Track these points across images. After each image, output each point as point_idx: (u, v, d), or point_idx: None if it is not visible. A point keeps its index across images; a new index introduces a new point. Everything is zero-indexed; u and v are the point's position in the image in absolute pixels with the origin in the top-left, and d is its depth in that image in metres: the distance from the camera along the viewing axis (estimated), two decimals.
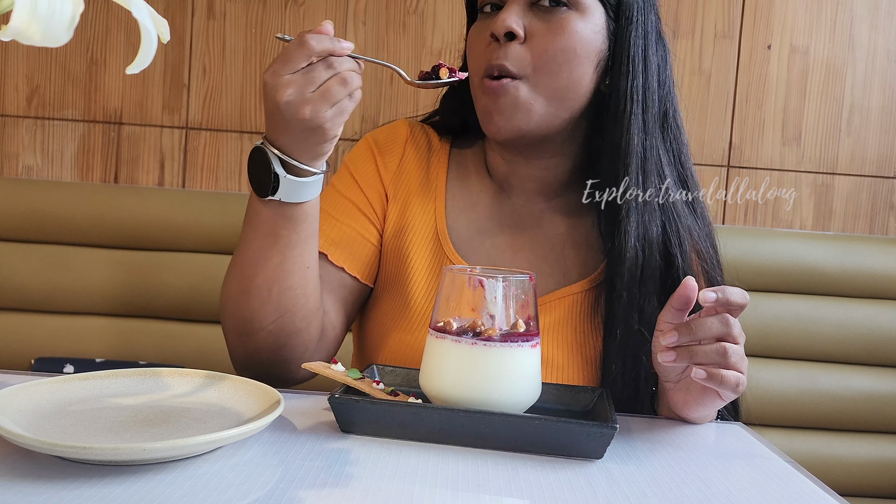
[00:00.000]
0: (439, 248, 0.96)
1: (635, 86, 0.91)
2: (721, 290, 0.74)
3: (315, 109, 0.74)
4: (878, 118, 1.65)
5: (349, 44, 0.75)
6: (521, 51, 0.89)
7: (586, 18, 0.91)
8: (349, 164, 1.02)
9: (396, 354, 0.93)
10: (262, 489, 0.56)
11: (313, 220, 0.85)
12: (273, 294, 0.85)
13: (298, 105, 0.74)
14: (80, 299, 1.47)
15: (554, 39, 0.89)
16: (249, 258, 0.85)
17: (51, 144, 1.61)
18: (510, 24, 0.88)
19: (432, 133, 1.05)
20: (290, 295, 0.85)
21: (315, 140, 0.77)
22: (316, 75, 0.74)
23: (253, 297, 0.85)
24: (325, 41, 0.74)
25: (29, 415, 0.65)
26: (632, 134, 0.91)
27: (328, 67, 0.74)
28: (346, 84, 0.75)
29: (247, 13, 1.60)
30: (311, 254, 0.86)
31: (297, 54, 0.74)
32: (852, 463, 1.50)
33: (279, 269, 0.84)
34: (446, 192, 1.00)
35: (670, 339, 0.74)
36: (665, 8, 1.62)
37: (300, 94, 0.74)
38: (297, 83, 0.74)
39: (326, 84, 0.74)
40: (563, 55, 0.90)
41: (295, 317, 0.87)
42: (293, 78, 0.74)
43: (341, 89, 0.74)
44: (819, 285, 1.51)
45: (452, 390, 0.72)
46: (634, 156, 0.91)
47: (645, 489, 0.62)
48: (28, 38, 0.47)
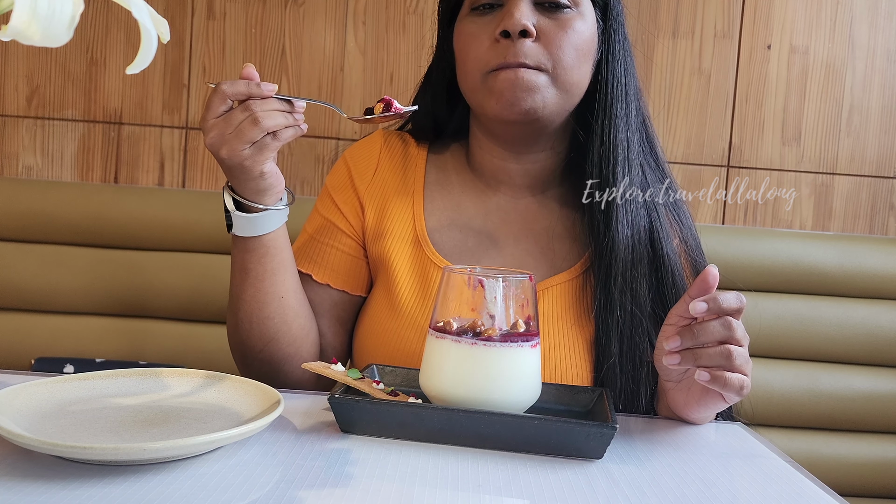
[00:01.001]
0: (420, 250, 0.98)
1: (621, 82, 0.96)
2: (713, 300, 0.73)
3: (231, 149, 0.80)
4: (877, 118, 1.65)
5: (271, 86, 0.80)
6: (536, 48, 0.91)
7: (585, 19, 0.94)
8: (327, 184, 1.05)
9: (383, 356, 0.94)
10: (262, 489, 0.56)
11: (277, 252, 0.89)
12: (254, 325, 0.91)
13: (218, 146, 0.80)
14: (80, 299, 1.46)
15: (565, 36, 0.92)
16: (232, 294, 0.92)
17: (51, 144, 1.61)
18: (525, 23, 0.90)
19: (409, 139, 1.07)
20: (270, 325, 0.91)
21: (244, 177, 0.83)
22: (232, 117, 0.80)
23: (240, 329, 0.92)
24: (239, 86, 0.80)
25: (29, 415, 0.65)
26: (619, 128, 0.95)
27: (244, 110, 0.79)
28: (257, 123, 0.78)
29: (247, 13, 1.60)
30: (284, 284, 0.91)
31: (213, 100, 0.80)
32: (852, 463, 1.50)
33: (254, 301, 0.90)
34: (424, 194, 1.01)
35: (673, 343, 0.74)
36: (665, 8, 1.62)
37: (220, 135, 0.80)
38: (217, 126, 0.80)
39: (241, 125, 0.79)
40: (575, 52, 0.93)
41: (280, 344, 0.92)
42: (215, 122, 0.80)
43: (253, 128, 0.79)
44: (819, 285, 1.51)
45: (452, 390, 0.72)
46: (621, 148, 0.95)
47: (645, 489, 0.62)
48: (28, 38, 0.47)
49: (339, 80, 1.61)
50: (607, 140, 0.95)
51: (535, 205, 1.01)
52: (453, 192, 1.02)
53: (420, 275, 0.96)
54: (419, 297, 0.95)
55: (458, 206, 1.01)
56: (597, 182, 0.95)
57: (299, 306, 0.93)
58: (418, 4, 1.61)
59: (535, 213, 1.00)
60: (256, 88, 0.79)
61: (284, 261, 0.90)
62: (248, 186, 0.84)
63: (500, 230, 0.99)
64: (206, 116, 0.81)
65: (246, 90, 0.79)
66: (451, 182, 1.03)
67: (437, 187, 1.03)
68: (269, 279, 0.89)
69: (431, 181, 1.03)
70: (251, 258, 0.88)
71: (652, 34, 1.62)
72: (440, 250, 0.97)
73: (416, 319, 0.93)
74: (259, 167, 0.82)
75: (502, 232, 0.99)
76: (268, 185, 0.84)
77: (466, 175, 1.03)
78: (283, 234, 0.90)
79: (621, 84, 0.96)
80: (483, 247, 0.98)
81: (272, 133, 0.80)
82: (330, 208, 1.02)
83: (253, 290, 0.89)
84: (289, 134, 0.81)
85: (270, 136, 0.80)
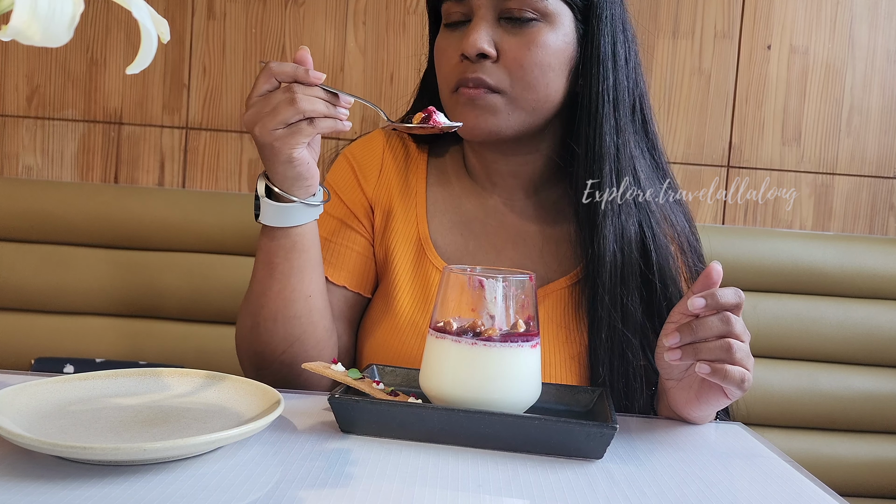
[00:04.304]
0: (422, 252, 0.97)
1: (606, 87, 0.92)
2: (711, 296, 0.74)
3: (263, 126, 0.78)
4: (877, 118, 1.65)
5: (320, 74, 0.78)
6: (496, 68, 0.89)
7: (556, 29, 0.90)
8: (331, 183, 1.03)
9: (381, 357, 0.94)
10: (262, 489, 0.56)
11: (305, 249, 0.86)
12: (279, 324, 0.87)
13: (253, 123, 0.79)
14: (80, 299, 1.46)
15: (528, 54, 0.89)
16: (255, 291, 0.88)
17: (51, 144, 1.61)
18: (482, 46, 0.88)
19: (409, 140, 1.05)
20: (296, 324, 0.87)
21: (273, 159, 0.80)
22: (272, 96, 0.78)
23: (262, 329, 0.88)
24: (286, 67, 0.78)
25: (29, 415, 0.65)
26: (604, 134, 0.91)
27: (286, 91, 0.78)
28: (294, 104, 0.77)
29: (247, 13, 1.60)
30: (311, 284, 0.88)
31: (260, 78, 0.79)
32: (852, 463, 1.50)
33: (279, 299, 0.87)
34: (427, 197, 1.01)
35: (672, 340, 0.74)
36: (665, 8, 1.62)
37: (257, 112, 0.79)
38: (257, 104, 0.79)
39: (278, 104, 0.77)
40: (539, 69, 0.89)
41: (305, 345, 0.89)
42: (257, 100, 0.79)
43: (289, 108, 0.77)
44: (819, 285, 1.51)
45: (452, 390, 0.72)
46: (608, 157, 0.91)
47: (645, 489, 0.62)
48: (28, 38, 0.47)
49: (339, 80, 1.60)
50: (591, 150, 0.92)
51: (530, 207, 1.00)
52: (453, 195, 1.02)
53: (421, 278, 0.96)
54: (419, 301, 0.95)
55: (457, 209, 1.01)
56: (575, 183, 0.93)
57: (324, 308, 0.91)
58: (418, 4, 1.61)
59: (531, 216, 1.00)
60: (303, 73, 0.78)
61: (312, 259, 0.88)
62: (276, 171, 0.81)
63: (499, 234, 0.99)
64: (251, 94, 0.80)
65: (292, 72, 0.78)
66: (452, 184, 1.03)
67: (438, 188, 1.02)
68: (296, 276, 0.86)
69: (433, 182, 1.03)
70: (278, 252, 0.85)
71: (652, 34, 1.62)
72: (441, 253, 0.98)
73: (415, 323, 0.93)
74: (288, 151, 0.79)
75: (500, 236, 0.99)
76: (297, 173, 0.82)
77: (464, 178, 1.03)
78: (312, 230, 0.87)
79: (606, 88, 0.91)
80: (482, 250, 0.98)
81: (309, 120, 0.78)
82: (341, 209, 1.01)
83: (279, 286, 0.86)
84: (327, 125, 0.79)
85: (307, 121, 0.78)
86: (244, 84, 1.61)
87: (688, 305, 0.74)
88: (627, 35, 0.95)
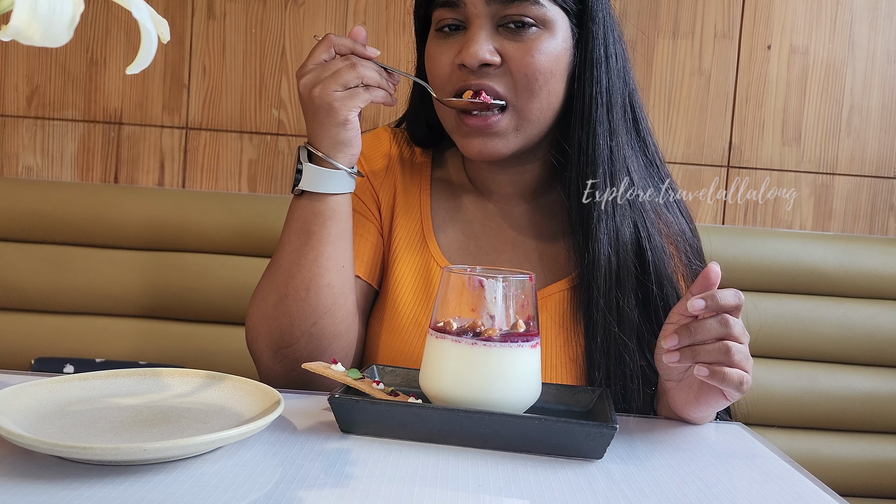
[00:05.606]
0: (426, 252, 0.97)
1: (599, 90, 0.91)
2: (710, 297, 0.73)
3: (324, 87, 0.83)
4: (877, 118, 1.65)
5: (374, 50, 0.86)
6: (500, 74, 0.89)
7: (555, 35, 0.89)
8: None
9: (383, 356, 0.94)
10: (262, 489, 0.56)
11: (342, 218, 0.88)
12: (311, 293, 0.87)
13: (312, 85, 0.84)
14: (79, 299, 1.46)
15: (532, 61, 0.88)
16: (286, 262, 0.88)
17: (51, 144, 1.61)
18: (483, 56, 0.87)
19: (411, 142, 1.06)
20: (329, 293, 0.87)
21: (329, 121, 0.84)
22: (331, 63, 0.85)
23: (291, 300, 0.87)
24: (345, 40, 0.85)
25: (29, 415, 0.65)
26: (598, 137, 0.91)
27: (345, 59, 0.84)
28: (355, 68, 0.83)
29: (247, 13, 1.60)
30: (345, 254, 0.89)
31: (318, 48, 0.85)
32: (852, 463, 1.50)
33: (314, 266, 0.87)
34: (431, 197, 1.01)
35: (671, 342, 0.74)
36: (665, 8, 1.62)
37: (316, 77, 0.84)
38: (315, 71, 0.84)
39: (339, 69, 0.83)
40: (543, 77, 0.89)
41: (335, 318, 0.88)
42: (314, 67, 0.85)
43: (350, 71, 0.83)
44: (819, 285, 1.51)
45: (452, 390, 0.72)
46: (601, 159, 0.91)
47: (645, 489, 0.62)
48: (28, 38, 0.47)
49: None
50: (584, 153, 0.91)
51: (528, 212, 1.00)
52: (455, 196, 1.02)
53: (423, 276, 0.96)
54: (422, 300, 0.95)
55: (459, 211, 1.01)
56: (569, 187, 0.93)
57: (353, 283, 0.91)
58: None
59: (530, 220, 1.00)
60: (361, 47, 0.85)
61: (346, 230, 0.89)
62: (328, 133, 0.85)
63: (499, 236, 0.99)
64: (306, 63, 0.85)
65: (351, 45, 0.85)
66: (454, 186, 1.03)
67: (441, 189, 1.03)
68: (332, 244, 0.87)
69: (437, 183, 1.03)
70: (315, 220, 0.87)
71: (652, 34, 1.62)
72: (445, 253, 0.98)
73: (418, 322, 0.93)
74: (346, 112, 0.83)
75: (500, 238, 0.99)
76: (347, 137, 0.85)
77: (465, 181, 1.04)
78: (347, 202, 0.89)
79: (600, 91, 0.91)
80: (483, 252, 0.98)
81: (366, 87, 0.84)
82: (354, 199, 0.99)
83: (314, 253, 0.87)
84: (380, 95, 0.86)
85: (364, 87, 0.84)
86: (244, 84, 1.61)
87: (687, 307, 0.74)
88: (616, 35, 0.95)
